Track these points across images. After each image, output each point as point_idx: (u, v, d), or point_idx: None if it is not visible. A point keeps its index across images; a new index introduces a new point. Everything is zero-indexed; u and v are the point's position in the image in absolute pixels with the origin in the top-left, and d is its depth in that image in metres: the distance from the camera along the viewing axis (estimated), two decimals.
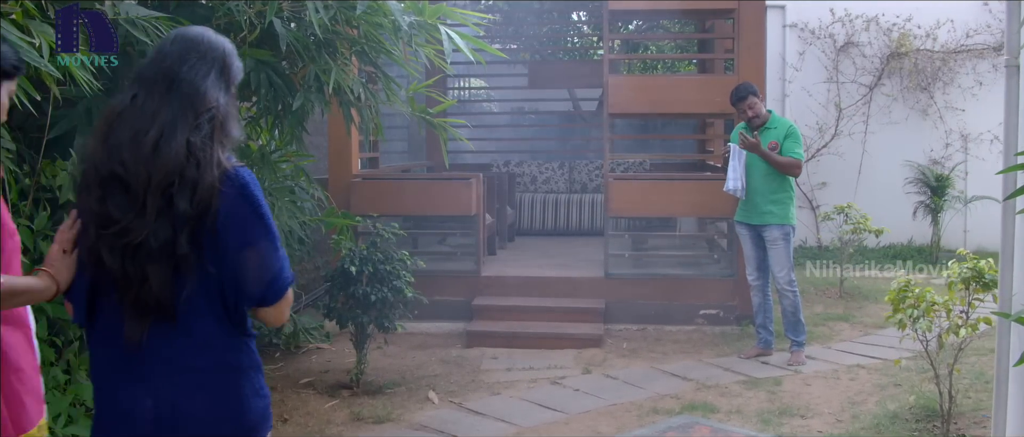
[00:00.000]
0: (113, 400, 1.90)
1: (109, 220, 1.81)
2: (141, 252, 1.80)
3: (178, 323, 1.84)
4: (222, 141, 1.87)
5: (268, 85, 4.05)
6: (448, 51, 4.03)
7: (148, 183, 1.79)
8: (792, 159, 5.46)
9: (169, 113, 1.82)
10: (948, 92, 10.26)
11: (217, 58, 1.93)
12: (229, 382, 1.89)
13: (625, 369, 5.50)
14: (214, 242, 1.82)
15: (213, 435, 1.88)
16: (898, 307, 4.13)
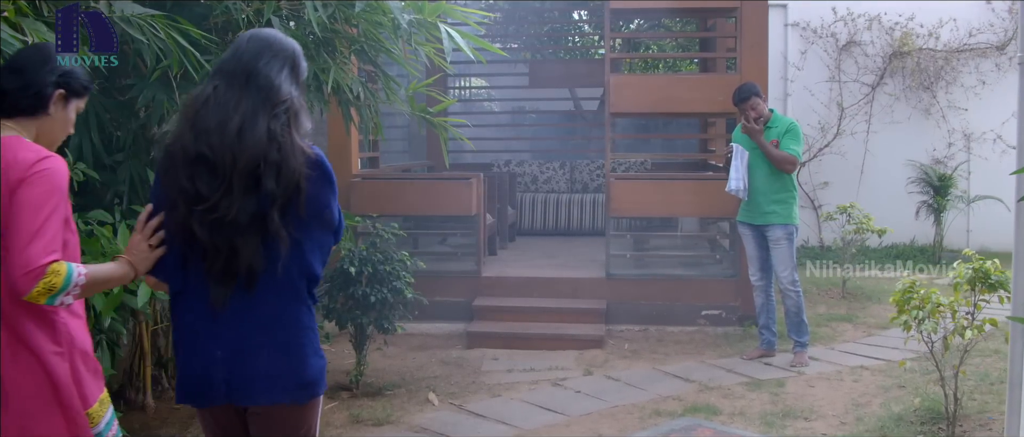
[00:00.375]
0: (194, 357, 2.14)
1: (199, 197, 2.04)
2: (230, 226, 2.03)
3: (257, 288, 2.09)
4: (298, 129, 2.11)
5: None
6: (448, 50, 3.99)
7: (234, 165, 2.02)
8: (786, 154, 5.42)
9: (249, 103, 2.06)
10: (951, 91, 10.21)
11: (288, 56, 2.17)
12: (293, 341, 2.14)
13: (627, 370, 5.45)
14: (299, 216, 2.08)
15: (276, 388, 2.12)
16: (903, 308, 4.09)
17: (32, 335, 2.10)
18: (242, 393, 2.13)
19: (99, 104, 3.79)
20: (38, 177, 2.07)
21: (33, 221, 2.03)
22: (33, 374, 2.10)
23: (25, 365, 2.09)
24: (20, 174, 2.06)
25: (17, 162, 2.08)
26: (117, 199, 4.00)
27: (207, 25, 3.96)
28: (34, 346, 2.10)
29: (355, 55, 4.55)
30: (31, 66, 2.21)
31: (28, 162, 2.08)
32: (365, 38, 4.43)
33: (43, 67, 2.22)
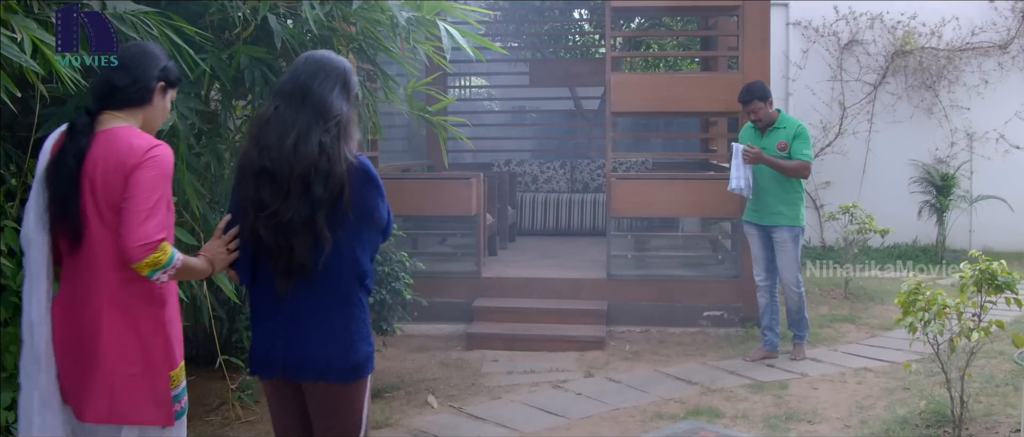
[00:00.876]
0: (261, 337, 2.49)
1: (263, 204, 2.36)
2: (287, 227, 2.35)
3: (313, 280, 2.40)
4: (346, 140, 2.40)
5: (263, 83, 3.95)
6: (447, 48, 3.94)
7: (290, 174, 2.32)
8: (799, 163, 5.38)
9: (305, 120, 2.36)
10: (953, 90, 10.15)
11: (339, 75, 2.46)
12: (342, 329, 2.43)
13: (628, 372, 5.40)
14: (346, 216, 2.37)
15: (325, 368, 2.42)
16: (908, 310, 4.03)
17: (130, 301, 2.40)
18: (296, 370, 2.46)
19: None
20: (152, 162, 2.35)
21: (147, 200, 2.32)
22: (126, 336, 2.40)
23: (120, 327, 2.39)
24: (136, 159, 2.34)
25: (133, 148, 2.36)
26: None
27: (203, 23, 3.91)
28: (131, 311, 2.40)
29: (354, 54, 4.49)
30: (137, 63, 2.50)
31: (142, 149, 2.37)
32: (363, 36, 4.38)
33: (148, 63, 2.51)
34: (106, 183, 2.35)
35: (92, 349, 2.39)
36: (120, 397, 2.39)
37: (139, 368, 2.41)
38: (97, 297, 2.39)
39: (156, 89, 2.52)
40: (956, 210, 9.75)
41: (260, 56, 3.93)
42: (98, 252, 2.39)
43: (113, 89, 2.46)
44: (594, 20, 11.85)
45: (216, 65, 3.80)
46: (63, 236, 2.42)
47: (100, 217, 2.37)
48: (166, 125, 3.59)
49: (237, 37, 3.92)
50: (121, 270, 2.37)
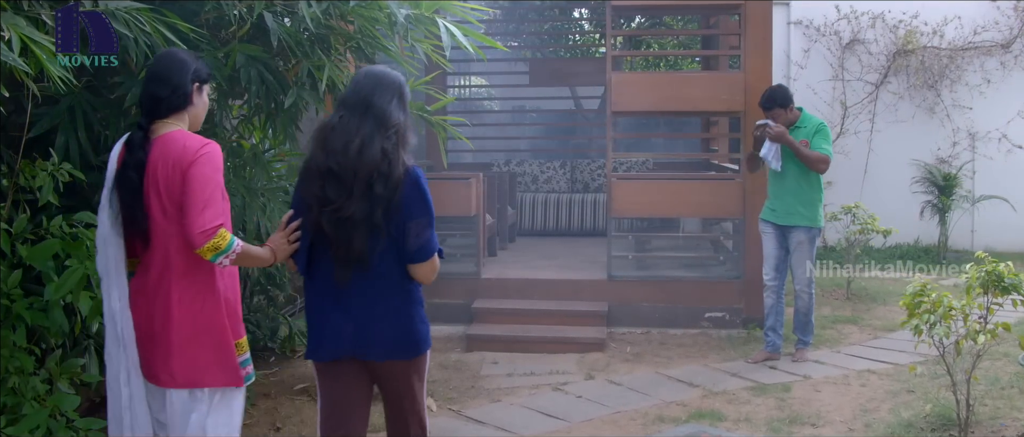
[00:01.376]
0: (324, 323, 2.76)
1: (327, 201, 2.63)
2: (348, 222, 2.62)
3: (371, 270, 2.68)
4: (404, 147, 2.69)
5: (259, 82, 3.90)
6: (447, 46, 3.88)
7: (355, 176, 2.61)
8: (819, 154, 5.35)
9: (367, 128, 2.64)
10: (955, 90, 10.09)
11: (396, 88, 2.74)
12: (403, 311, 2.73)
13: (629, 374, 5.34)
14: (396, 215, 2.65)
15: (391, 347, 2.73)
16: (914, 312, 3.97)
17: (196, 283, 2.74)
18: (365, 350, 2.75)
19: (86, 102, 3.68)
20: (204, 159, 2.67)
21: (203, 193, 2.64)
22: (194, 312, 2.74)
23: (189, 306, 2.73)
24: (190, 158, 2.66)
25: (187, 148, 2.68)
26: None
27: (198, 21, 3.85)
28: (197, 292, 2.75)
29: (351, 52, 4.44)
30: (173, 73, 2.77)
31: (195, 148, 2.69)
32: (361, 35, 4.33)
33: (181, 70, 2.78)
34: (168, 183, 2.69)
35: (165, 326, 2.75)
36: (191, 364, 2.76)
37: (207, 339, 2.77)
38: (167, 281, 2.74)
39: (193, 91, 2.82)
40: (958, 210, 9.69)
41: (256, 55, 3.87)
42: (167, 244, 2.74)
43: (157, 101, 2.76)
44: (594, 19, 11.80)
45: (211, 64, 3.74)
46: (135, 238, 2.79)
47: (165, 213, 2.71)
48: None
49: (233, 35, 3.87)
50: (187, 257, 2.72)
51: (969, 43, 10.03)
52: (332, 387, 2.85)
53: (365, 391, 2.87)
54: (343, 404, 2.85)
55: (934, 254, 9.41)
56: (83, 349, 3.88)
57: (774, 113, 5.45)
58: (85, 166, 3.70)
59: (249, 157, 4.55)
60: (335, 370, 2.82)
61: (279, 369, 5.56)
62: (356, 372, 2.81)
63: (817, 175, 5.45)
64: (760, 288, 5.93)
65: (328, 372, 2.83)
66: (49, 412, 3.22)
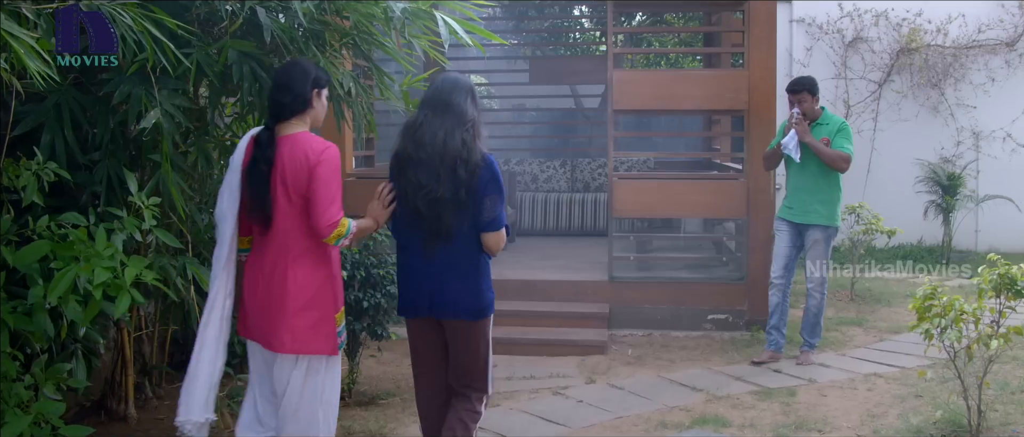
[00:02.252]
0: (409, 287, 3.29)
1: (420, 185, 3.14)
2: (438, 201, 3.12)
3: (453, 242, 3.17)
4: (478, 137, 3.22)
5: (252, 79, 3.78)
6: (445, 40, 3.77)
7: (441, 163, 3.12)
8: (841, 152, 5.26)
9: (448, 123, 3.16)
10: (959, 88, 10.00)
11: (469, 89, 3.28)
12: (472, 278, 3.22)
13: (631, 378, 5.24)
14: (475, 193, 3.15)
15: (460, 309, 3.21)
16: (924, 316, 3.87)
17: (308, 262, 3.15)
18: (439, 311, 3.23)
19: (73, 100, 3.57)
20: (327, 160, 3.09)
21: (329, 190, 3.08)
22: (306, 287, 3.13)
23: (301, 281, 3.13)
24: (315, 158, 3.08)
25: (312, 149, 3.10)
26: (94, 200, 3.78)
27: (189, 17, 3.75)
28: (308, 269, 3.15)
29: (347, 49, 4.33)
30: (295, 81, 3.17)
31: (318, 149, 3.10)
32: (357, 31, 4.22)
33: (303, 78, 3.18)
34: (294, 176, 3.09)
35: (280, 298, 3.12)
36: (300, 333, 3.12)
37: (315, 311, 3.15)
38: (284, 259, 3.13)
39: (312, 96, 3.21)
40: (962, 210, 9.59)
41: (249, 51, 3.75)
42: (287, 226, 3.13)
43: (282, 107, 3.16)
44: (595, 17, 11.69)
45: (203, 60, 3.63)
46: (257, 220, 3.16)
47: (289, 201, 3.11)
48: (149, 122, 3.45)
49: (224, 31, 3.76)
50: (302, 239, 3.13)
51: (973, 41, 9.93)
52: (416, 339, 3.39)
53: (439, 344, 3.35)
54: (425, 354, 3.39)
55: (938, 254, 9.30)
56: (70, 354, 3.79)
57: (802, 96, 5.34)
58: (72, 165, 3.59)
59: None
60: (418, 325, 3.35)
61: None
62: (431, 328, 3.32)
63: (837, 173, 5.35)
64: (764, 289, 5.84)
65: (413, 327, 3.38)
66: (32, 419, 3.12)
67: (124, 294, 2.97)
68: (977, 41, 9.93)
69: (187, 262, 3.98)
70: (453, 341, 3.30)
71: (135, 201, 3.56)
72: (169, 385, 5.06)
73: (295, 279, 3.13)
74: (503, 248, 3.28)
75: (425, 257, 3.21)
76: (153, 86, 3.50)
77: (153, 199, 3.64)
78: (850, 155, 5.27)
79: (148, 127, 3.44)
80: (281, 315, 3.12)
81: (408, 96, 4.52)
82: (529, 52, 11.56)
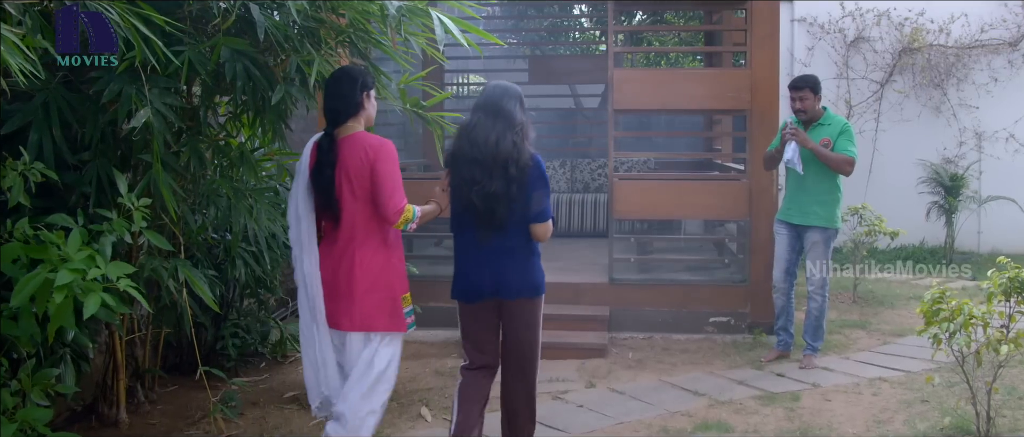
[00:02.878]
0: (467, 273, 3.60)
1: (474, 181, 3.45)
2: (491, 196, 3.43)
3: (505, 232, 3.50)
4: (526, 139, 3.51)
5: (245, 77, 3.71)
6: (440, 38, 3.69)
7: (494, 161, 3.43)
8: (845, 155, 5.17)
9: (500, 126, 3.47)
10: (962, 89, 9.92)
11: (517, 96, 3.59)
12: (526, 261, 3.57)
13: (632, 382, 5.15)
14: (524, 189, 3.47)
15: (518, 289, 3.55)
16: (931, 320, 3.79)
17: (374, 248, 3.50)
18: (504, 292, 3.55)
19: (62, 98, 3.49)
20: (384, 155, 3.44)
21: (391, 181, 3.42)
22: (372, 271, 3.48)
23: (368, 266, 3.48)
24: (373, 154, 3.42)
25: (370, 146, 3.45)
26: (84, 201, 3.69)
27: (181, 14, 3.66)
28: (375, 255, 3.50)
29: (343, 47, 4.25)
30: (346, 88, 3.51)
31: (375, 146, 3.45)
32: (353, 28, 4.14)
33: (352, 85, 3.51)
34: (357, 172, 3.44)
35: (349, 282, 3.47)
36: (369, 312, 3.47)
37: (380, 292, 3.49)
38: (351, 247, 3.48)
39: (362, 99, 3.54)
40: (964, 211, 9.52)
41: (242, 49, 3.68)
42: (353, 218, 3.48)
43: (337, 113, 3.51)
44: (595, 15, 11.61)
45: (194, 58, 3.55)
46: (329, 217, 3.53)
47: (354, 195, 3.45)
48: (139, 121, 3.37)
49: (217, 28, 3.68)
50: (368, 228, 3.49)
51: (976, 41, 9.86)
52: (471, 322, 3.69)
53: (495, 324, 3.68)
54: (479, 333, 3.69)
55: (940, 256, 9.22)
56: (58, 359, 3.70)
57: (804, 93, 5.26)
58: (61, 165, 3.51)
59: (235, 157, 4.34)
60: (475, 309, 3.64)
61: (269, 376, 5.38)
62: (489, 309, 3.63)
63: (836, 174, 5.26)
64: (766, 292, 5.76)
65: (469, 311, 3.67)
66: (18, 426, 3.04)
67: (95, 296, 2.87)
68: (980, 41, 9.85)
69: (179, 264, 3.89)
70: (512, 320, 3.62)
71: (124, 202, 3.47)
72: (162, 389, 4.98)
73: (362, 263, 3.48)
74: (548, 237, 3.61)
75: (480, 246, 3.54)
76: (143, 84, 3.42)
77: (143, 200, 3.56)
78: (854, 158, 5.18)
79: (138, 126, 3.35)
80: (350, 296, 3.47)
81: (405, 95, 4.43)
82: (528, 51, 11.48)
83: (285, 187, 5.07)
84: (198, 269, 4.44)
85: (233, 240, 4.12)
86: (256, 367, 5.54)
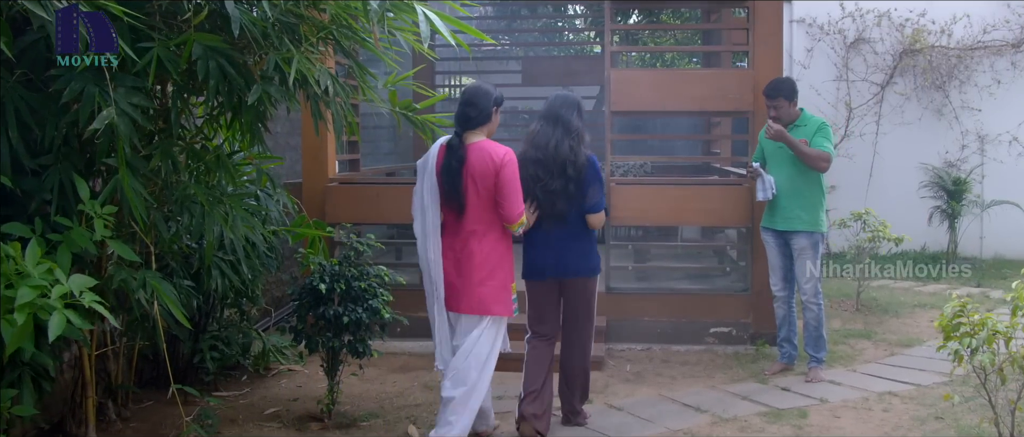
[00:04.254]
0: (535, 257, 4.23)
1: (538, 179, 4.07)
2: (553, 192, 4.07)
3: (565, 221, 4.14)
4: (582, 142, 4.11)
5: (220, 76, 3.46)
6: (425, 34, 3.44)
7: (554, 163, 4.06)
8: (819, 151, 5.03)
9: (559, 132, 4.09)
10: (964, 91, 9.73)
11: (574, 104, 4.20)
12: (584, 247, 4.20)
13: (630, 398, 4.91)
14: (581, 186, 4.09)
15: (575, 269, 4.19)
16: (951, 335, 3.55)
17: (491, 243, 3.99)
18: (564, 272, 4.19)
19: (20, 98, 3.23)
20: (508, 163, 3.91)
21: (513, 188, 3.91)
22: (487, 261, 3.97)
23: (484, 256, 3.97)
24: (499, 162, 3.89)
25: (496, 154, 3.91)
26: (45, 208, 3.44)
27: (150, 9, 3.41)
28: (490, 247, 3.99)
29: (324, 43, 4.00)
30: (480, 100, 3.99)
31: (501, 155, 3.91)
32: (336, 25, 3.89)
33: (486, 98, 4.01)
34: (482, 176, 3.92)
35: (468, 270, 3.98)
36: (483, 297, 3.97)
37: (495, 281, 3.99)
38: (472, 242, 3.98)
39: (492, 112, 4.05)
40: (967, 216, 9.31)
41: (216, 45, 3.42)
42: (474, 213, 3.97)
43: (469, 119, 3.99)
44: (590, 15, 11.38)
45: (164, 55, 3.30)
46: (453, 209, 3.98)
47: (477, 194, 3.94)
48: (101, 123, 3.11)
49: (186, 23, 3.42)
50: (486, 223, 3.98)
51: (978, 42, 9.67)
52: (537, 297, 4.30)
53: (557, 299, 4.30)
54: (544, 306, 4.29)
55: (941, 261, 9.00)
56: (16, 379, 3.44)
57: (778, 102, 5.14)
58: (19, 170, 3.26)
59: (212, 160, 4.08)
60: (541, 286, 4.26)
61: (250, 390, 5.13)
62: (551, 286, 4.25)
63: (817, 176, 5.12)
64: (768, 301, 5.53)
65: (536, 287, 4.28)
66: None
67: (59, 316, 2.62)
68: (982, 42, 9.66)
69: (148, 276, 3.62)
70: (572, 296, 4.25)
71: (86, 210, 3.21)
72: (136, 405, 4.73)
73: (480, 254, 3.96)
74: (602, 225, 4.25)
75: (545, 234, 4.16)
76: (107, 83, 3.17)
77: (108, 208, 3.31)
78: (829, 154, 5.04)
79: (100, 128, 3.10)
80: (468, 283, 3.97)
81: (395, 96, 4.19)
82: (522, 52, 11.24)
83: (267, 192, 4.82)
84: (173, 280, 4.19)
85: (207, 249, 3.85)
86: (237, 381, 5.29)
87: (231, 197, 4.04)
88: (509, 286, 4.04)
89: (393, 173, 7.88)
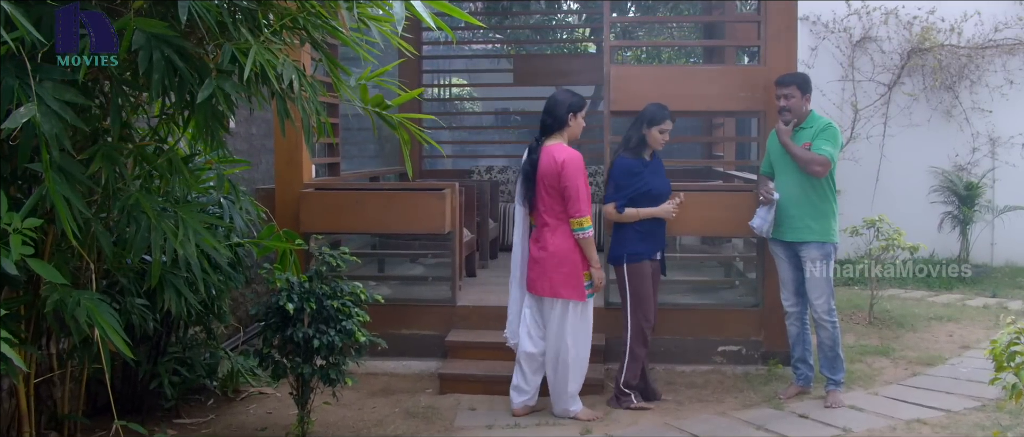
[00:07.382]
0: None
1: None
2: None
3: None
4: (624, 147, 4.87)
5: (167, 70, 2.99)
6: (399, 16, 2.98)
7: None
8: (815, 155, 4.67)
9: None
10: (975, 91, 9.33)
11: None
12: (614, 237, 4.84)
13: (633, 426, 4.46)
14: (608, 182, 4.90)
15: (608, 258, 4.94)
16: (1004, 365, 3.12)
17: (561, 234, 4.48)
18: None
19: None
20: (568, 163, 4.40)
21: (574, 188, 4.40)
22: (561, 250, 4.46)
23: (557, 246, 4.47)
24: (560, 163, 4.41)
25: (558, 157, 4.42)
26: None
27: None
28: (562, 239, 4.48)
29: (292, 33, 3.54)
30: (558, 108, 4.52)
31: (561, 158, 4.42)
32: (305, 13, 3.43)
33: (563, 104, 4.52)
34: (548, 176, 4.43)
35: (544, 259, 4.47)
36: (557, 282, 4.45)
37: (566, 267, 4.44)
38: (545, 233, 4.50)
39: (568, 118, 4.51)
40: (979, 222, 8.91)
41: (161, 33, 2.96)
42: (545, 209, 4.49)
43: (546, 126, 4.54)
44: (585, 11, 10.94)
45: None
46: (530, 206, 4.59)
47: (547, 193, 4.45)
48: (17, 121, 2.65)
49: (125, 6, 2.96)
50: (556, 218, 4.47)
51: (989, 41, 9.29)
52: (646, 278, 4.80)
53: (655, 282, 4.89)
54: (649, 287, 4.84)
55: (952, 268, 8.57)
56: None
57: (790, 91, 4.81)
58: None
59: (163, 165, 3.61)
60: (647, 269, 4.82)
61: (215, 416, 4.66)
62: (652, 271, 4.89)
63: (827, 183, 4.76)
64: (782, 317, 5.09)
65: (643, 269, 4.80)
66: None
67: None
68: (994, 41, 9.27)
69: (82, 297, 3.14)
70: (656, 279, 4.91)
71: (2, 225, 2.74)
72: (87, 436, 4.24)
73: (553, 244, 4.45)
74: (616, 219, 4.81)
75: None
76: (28, 74, 2.71)
77: (31, 221, 2.84)
78: (827, 158, 4.65)
79: (15, 128, 2.63)
80: (544, 269, 4.46)
81: (366, 92, 3.72)
82: (514, 51, 10.78)
83: (230, 200, 4.36)
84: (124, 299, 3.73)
85: (154, 265, 3.38)
86: (202, 405, 4.83)
87: (183, 206, 3.56)
88: (580, 274, 4.44)
89: (377, 178, 7.40)
